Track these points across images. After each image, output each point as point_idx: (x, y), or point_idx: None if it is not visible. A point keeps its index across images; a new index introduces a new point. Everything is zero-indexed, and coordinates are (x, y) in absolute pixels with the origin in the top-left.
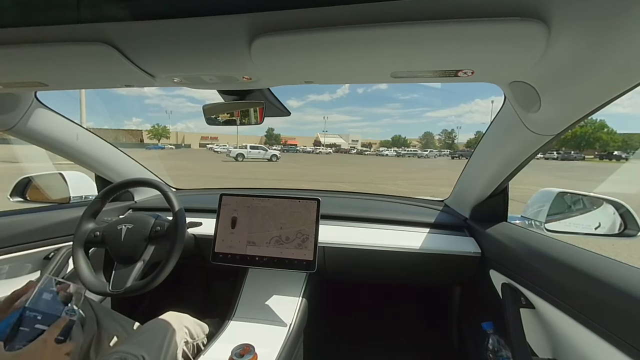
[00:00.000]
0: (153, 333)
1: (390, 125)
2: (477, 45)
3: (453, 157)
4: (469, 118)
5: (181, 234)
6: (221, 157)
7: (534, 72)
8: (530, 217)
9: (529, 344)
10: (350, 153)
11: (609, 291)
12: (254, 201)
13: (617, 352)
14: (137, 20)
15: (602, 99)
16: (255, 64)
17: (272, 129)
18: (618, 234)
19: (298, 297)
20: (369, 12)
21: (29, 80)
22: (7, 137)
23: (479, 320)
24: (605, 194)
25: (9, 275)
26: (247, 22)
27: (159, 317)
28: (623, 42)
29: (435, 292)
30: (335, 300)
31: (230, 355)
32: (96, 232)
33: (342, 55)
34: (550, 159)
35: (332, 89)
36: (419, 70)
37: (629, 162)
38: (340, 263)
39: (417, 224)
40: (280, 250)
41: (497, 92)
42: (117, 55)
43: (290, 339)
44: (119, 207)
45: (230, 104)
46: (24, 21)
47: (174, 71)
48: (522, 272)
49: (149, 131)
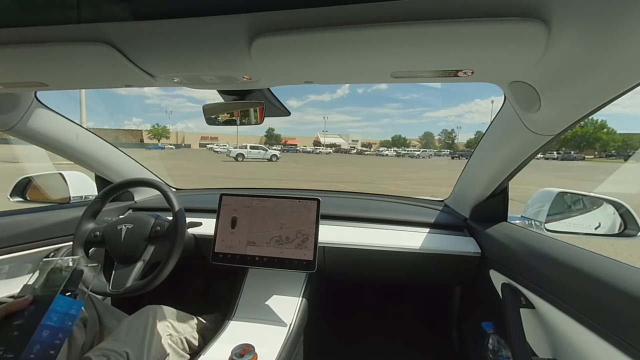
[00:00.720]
0: (134, 328)
1: (390, 125)
2: (477, 45)
3: (453, 157)
4: (469, 118)
5: (181, 234)
6: (221, 157)
7: (534, 72)
8: (530, 217)
9: (529, 344)
10: (350, 153)
11: (609, 291)
12: (254, 201)
13: (617, 352)
14: (137, 20)
15: (602, 99)
16: (255, 64)
17: (272, 129)
18: (618, 234)
19: (298, 297)
20: (369, 12)
21: (29, 80)
22: (7, 137)
23: (479, 320)
24: (605, 194)
25: (9, 275)
26: (247, 22)
27: (137, 312)
28: (623, 43)
29: (435, 292)
30: (335, 300)
31: (230, 355)
32: (96, 232)
33: (342, 55)
34: (550, 159)
35: (332, 89)
36: (419, 70)
37: (627, 162)
38: (340, 263)
39: (417, 224)
40: (280, 250)
41: (497, 92)
42: (117, 55)
43: (290, 339)
44: (119, 207)
45: (230, 104)
46: (24, 21)
47: (174, 71)
48: (522, 272)
49: (149, 131)
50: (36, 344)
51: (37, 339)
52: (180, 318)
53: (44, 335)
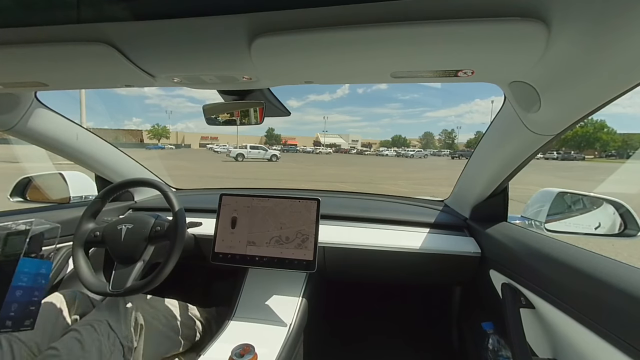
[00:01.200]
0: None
1: (390, 125)
2: (477, 45)
3: (453, 157)
4: (469, 118)
5: (181, 234)
6: (221, 157)
7: (534, 72)
8: (530, 217)
9: (529, 344)
10: (350, 153)
11: (609, 291)
12: (254, 201)
13: (617, 352)
14: (137, 21)
15: (602, 99)
16: (255, 64)
17: (272, 129)
18: (618, 234)
19: (298, 297)
20: (369, 12)
21: (29, 80)
22: (7, 137)
23: (479, 320)
24: (605, 194)
25: None
26: (247, 22)
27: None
28: (623, 43)
29: (435, 292)
30: (335, 300)
31: (230, 355)
32: (96, 232)
33: (342, 55)
34: (550, 159)
35: (332, 89)
36: (419, 70)
37: (627, 162)
38: (340, 263)
39: (417, 224)
40: (280, 250)
41: (497, 92)
42: (117, 55)
43: (290, 339)
44: (119, 207)
45: (230, 104)
46: (24, 21)
47: (174, 71)
48: (522, 272)
49: (149, 131)
50: (13, 303)
51: (11, 299)
52: (186, 309)
53: (18, 294)
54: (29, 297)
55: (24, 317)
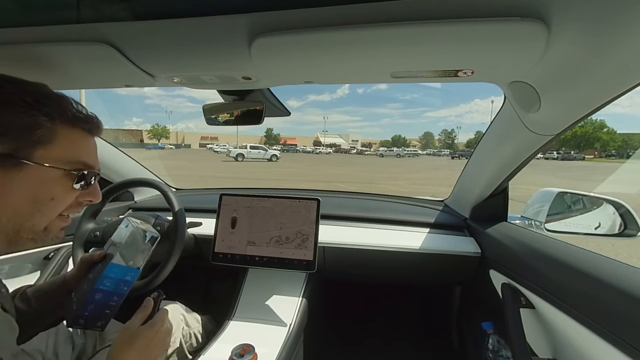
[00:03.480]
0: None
1: (390, 125)
2: (477, 45)
3: (453, 157)
4: (469, 118)
5: (181, 234)
6: (221, 157)
7: (534, 72)
8: (530, 217)
9: (529, 344)
10: (350, 153)
11: (609, 291)
12: (253, 201)
13: (617, 352)
14: (137, 20)
15: (602, 99)
16: (255, 64)
17: (271, 129)
18: (618, 234)
19: (298, 297)
20: (369, 12)
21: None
22: None
23: (479, 320)
24: (605, 194)
25: (9, 275)
26: (247, 22)
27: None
28: (623, 43)
29: (435, 292)
30: (335, 300)
31: (230, 355)
32: (96, 232)
33: (342, 55)
34: (550, 159)
35: (332, 89)
36: (419, 70)
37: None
38: (340, 263)
39: (417, 224)
40: (280, 250)
41: (497, 92)
42: (117, 55)
43: (290, 339)
44: (119, 207)
45: (230, 104)
46: (24, 21)
47: (174, 71)
48: (522, 272)
49: (149, 131)
50: (90, 304)
51: (89, 300)
52: (188, 313)
53: (97, 297)
54: (107, 301)
55: (97, 319)
